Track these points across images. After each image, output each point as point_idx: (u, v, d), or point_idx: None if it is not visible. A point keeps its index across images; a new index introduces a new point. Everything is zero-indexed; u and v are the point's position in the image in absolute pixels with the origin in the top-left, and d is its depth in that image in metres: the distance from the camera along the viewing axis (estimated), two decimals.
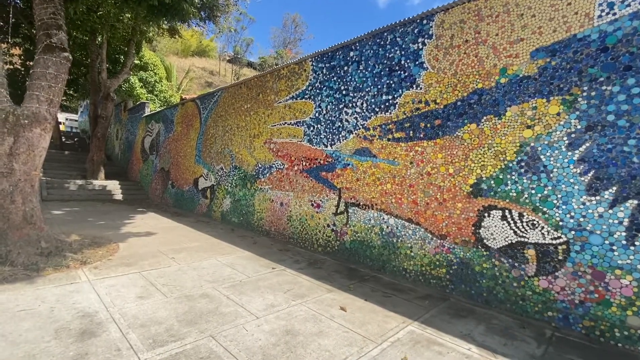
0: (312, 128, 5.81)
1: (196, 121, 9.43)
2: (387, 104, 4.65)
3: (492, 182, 3.64)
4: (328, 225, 5.41)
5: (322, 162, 5.58)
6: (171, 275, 3.99)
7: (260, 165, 6.97)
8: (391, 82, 4.62)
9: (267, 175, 6.75)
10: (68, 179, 11.59)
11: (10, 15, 11.16)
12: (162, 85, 21.88)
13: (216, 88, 8.67)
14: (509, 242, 3.52)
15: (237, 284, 3.84)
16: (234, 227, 7.46)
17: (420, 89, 4.29)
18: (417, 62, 4.35)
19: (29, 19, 12.08)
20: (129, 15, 10.83)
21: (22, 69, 14.65)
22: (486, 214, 3.68)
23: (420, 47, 4.32)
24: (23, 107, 4.46)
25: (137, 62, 19.42)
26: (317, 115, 5.72)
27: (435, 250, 4.07)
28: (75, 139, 19.38)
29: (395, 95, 4.55)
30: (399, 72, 4.54)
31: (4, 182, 4.20)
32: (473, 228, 3.77)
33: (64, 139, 18.31)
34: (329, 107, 5.50)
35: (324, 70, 5.62)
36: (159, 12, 7.08)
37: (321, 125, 5.62)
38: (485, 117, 3.72)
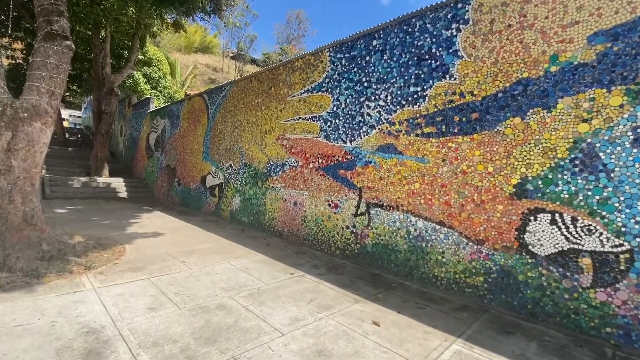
0: (329, 123, 5.44)
1: (203, 117, 9.09)
2: (415, 96, 4.28)
3: (540, 182, 3.27)
4: (347, 227, 5.06)
5: (340, 159, 5.22)
6: (183, 282, 3.66)
7: (272, 163, 6.62)
8: (420, 72, 4.24)
9: (280, 173, 6.41)
10: (72, 176, 11.31)
11: (11, 8, 10.84)
12: (166, 81, 21.58)
13: (224, 82, 8.32)
14: (559, 249, 3.16)
15: (255, 293, 3.51)
16: (244, 227, 7.13)
17: (454, 79, 3.91)
18: (450, 50, 3.97)
19: (31, 11, 11.77)
20: (133, 9, 10.51)
21: (24, 63, 14.36)
22: (532, 218, 3.32)
23: (455, 33, 3.94)
24: (22, 99, 4.13)
25: (141, 57, 19.11)
26: (335, 109, 5.36)
27: (471, 256, 3.72)
28: (79, 136, 19.12)
29: (425, 87, 4.18)
30: (429, 61, 4.16)
31: (1, 180, 3.88)
32: (516, 233, 3.41)
33: (67, 136, 18.04)
34: (348, 100, 5.14)
35: (343, 61, 5.24)
36: (167, 0, 6.74)
37: (339, 120, 5.26)
38: (531, 110, 3.35)
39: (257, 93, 7.11)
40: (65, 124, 21.79)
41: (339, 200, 5.20)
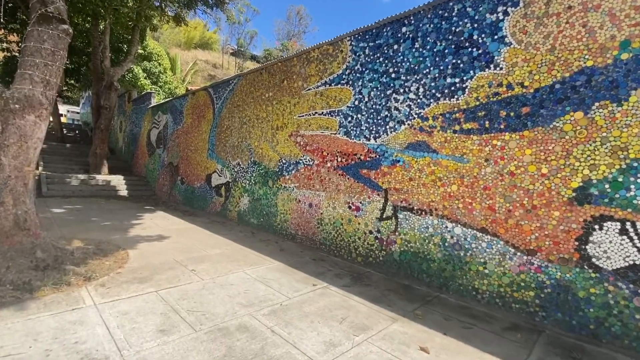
0: (349, 118, 5.01)
1: (209, 112, 8.64)
2: (452, 88, 3.85)
3: (607, 186, 2.86)
4: (370, 232, 4.64)
5: (362, 158, 4.79)
6: (195, 296, 3.24)
7: (284, 161, 6.19)
8: (459, 61, 3.81)
9: (293, 172, 5.98)
10: (69, 173, 10.85)
11: None
12: (166, 77, 21.08)
13: (231, 75, 7.87)
14: (630, 262, 2.75)
15: (278, 309, 3.09)
16: (253, 229, 6.70)
17: (501, 69, 3.49)
18: (495, 37, 3.54)
19: (26, 1, 11.28)
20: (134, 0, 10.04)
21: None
22: (596, 226, 2.91)
23: (501, 17, 3.51)
24: (13, 88, 3.68)
25: (140, 51, 18.59)
26: (356, 103, 4.92)
27: (520, 268, 3.30)
28: (77, 132, 18.62)
29: (465, 78, 3.75)
30: (469, 49, 3.73)
31: None
32: (576, 243, 3.00)
33: (65, 131, 17.56)
34: (372, 93, 4.70)
35: (367, 50, 4.80)
36: None
37: (362, 115, 4.83)
38: (597, 104, 2.93)
39: (267, 86, 6.66)
40: (62, 119, 21.28)
41: (360, 203, 4.78)
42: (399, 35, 4.40)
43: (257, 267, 4.31)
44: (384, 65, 4.57)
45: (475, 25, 3.69)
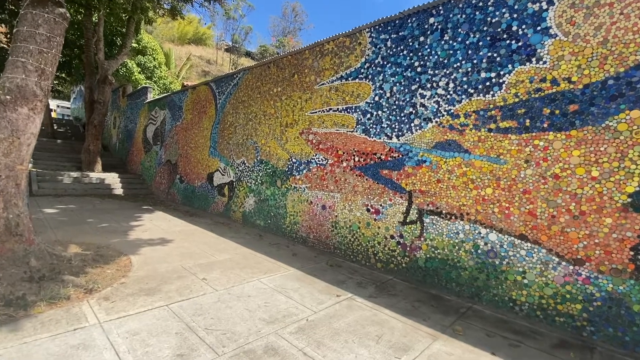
0: (369, 115, 4.71)
1: (211, 108, 8.25)
2: (487, 83, 3.58)
3: None
4: (392, 237, 4.36)
5: (383, 157, 4.50)
6: (212, 311, 2.92)
7: (294, 160, 5.87)
8: (495, 54, 3.53)
9: (304, 171, 5.66)
10: (61, 170, 10.36)
11: None
12: (161, 71, 20.53)
13: (237, 69, 7.49)
14: None
15: (305, 326, 2.78)
16: (260, 231, 6.37)
17: (544, 63, 3.22)
18: (538, 28, 3.26)
19: None
20: None
21: (9, 47, 13.21)
22: None
23: (545, 7, 3.23)
24: (4, 78, 3.30)
25: (134, 45, 18.04)
26: (376, 99, 4.62)
27: (565, 278, 3.05)
28: (68, 127, 17.97)
29: (502, 72, 3.47)
30: (507, 41, 3.45)
31: None
32: (631, 253, 2.75)
33: (55, 127, 16.90)
34: (395, 88, 4.41)
35: (389, 43, 4.50)
36: None
37: (383, 112, 4.53)
38: None
39: (276, 81, 6.32)
40: (53, 114, 20.53)
41: (381, 205, 4.49)
42: (426, 26, 4.11)
43: (272, 275, 3.99)
44: (408, 58, 4.27)
45: (515, 15, 3.41)
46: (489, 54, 3.57)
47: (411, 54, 4.25)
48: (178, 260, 4.27)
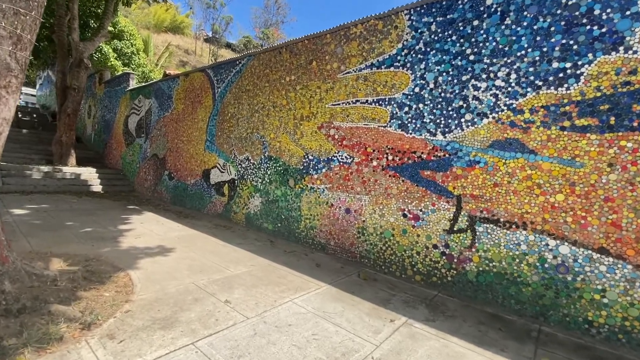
0: (406, 108, 4.18)
1: (207, 97, 7.44)
2: (560, 75, 3.13)
3: None
4: (434, 246, 3.88)
5: (425, 156, 4.00)
6: (252, 349, 2.30)
7: (311, 157, 5.26)
8: (571, 42, 3.09)
9: (323, 170, 5.07)
10: (29, 164, 9.18)
11: None
12: (139, 58, 19.09)
13: (242, 54, 6.75)
14: None
15: None
16: (269, 235, 5.73)
17: (634, 52, 2.80)
18: (627, 13, 2.84)
19: None
20: None
21: None
22: None
23: None
24: None
25: (110, 28, 16.58)
26: (417, 90, 4.10)
27: None
28: (34, 115, 16.29)
29: (580, 63, 3.04)
30: (587, 27, 3.02)
31: None
32: None
33: (20, 115, 15.25)
34: (441, 78, 3.90)
35: (433, 27, 3.98)
36: None
37: (425, 105, 4.02)
38: None
39: (289, 68, 5.65)
40: None
41: (421, 211, 4.00)
42: (482, 8, 3.62)
43: (304, 293, 3.40)
44: (458, 44, 3.77)
45: None
46: (564, 41, 3.12)
47: (462, 40, 3.75)
48: (187, 275, 3.59)
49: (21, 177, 8.21)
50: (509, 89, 3.41)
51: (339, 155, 4.87)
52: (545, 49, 3.22)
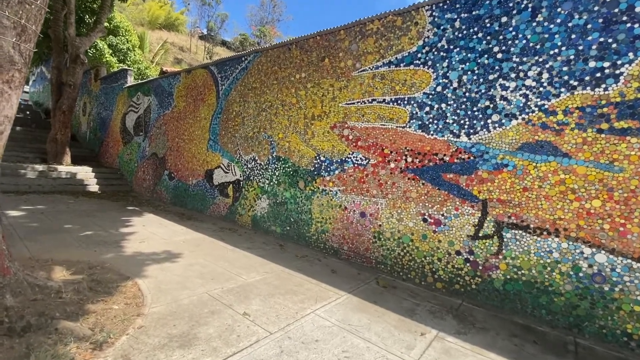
0: (427, 108, 4.01)
1: (210, 95, 7.20)
2: (598, 75, 2.98)
3: None
4: (457, 253, 3.72)
5: (447, 159, 3.83)
6: None
7: (323, 158, 5.06)
8: (609, 40, 2.94)
9: (337, 172, 4.88)
10: (23, 162, 8.84)
11: None
12: (135, 55, 18.70)
13: (248, 51, 6.55)
14: None
15: None
16: (278, 239, 5.53)
17: None
18: None
19: None
20: None
21: None
22: None
23: None
24: None
25: (106, 24, 16.20)
26: (439, 89, 3.93)
27: None
28: (27, 112, 15.84)
29: (620, 62, 2.89)
30: (628, 24, 2.87)
31: None
32: None
33: None
34: (465, 77, 3.73)
35: (457, 23, 3.81)
36: None
37: (448, 105, 3.85)
38: None
39: (299, 66, 5.45)
40: None
41: (442, 215, 3.83)
42: (511, 4, 3.45)
43: (325, 303, 3.21)
44: (484, 42, 3.61)
45: None
46: (601, 40, 2.97)
47: (489, 37, 3.58)
48: (200, 284, 3.37)
49: (15, 176, 7.88)
50: (541, 89, 3.25)
51: (354, 157, 4.69)
52: (580, 47, 3.07)
